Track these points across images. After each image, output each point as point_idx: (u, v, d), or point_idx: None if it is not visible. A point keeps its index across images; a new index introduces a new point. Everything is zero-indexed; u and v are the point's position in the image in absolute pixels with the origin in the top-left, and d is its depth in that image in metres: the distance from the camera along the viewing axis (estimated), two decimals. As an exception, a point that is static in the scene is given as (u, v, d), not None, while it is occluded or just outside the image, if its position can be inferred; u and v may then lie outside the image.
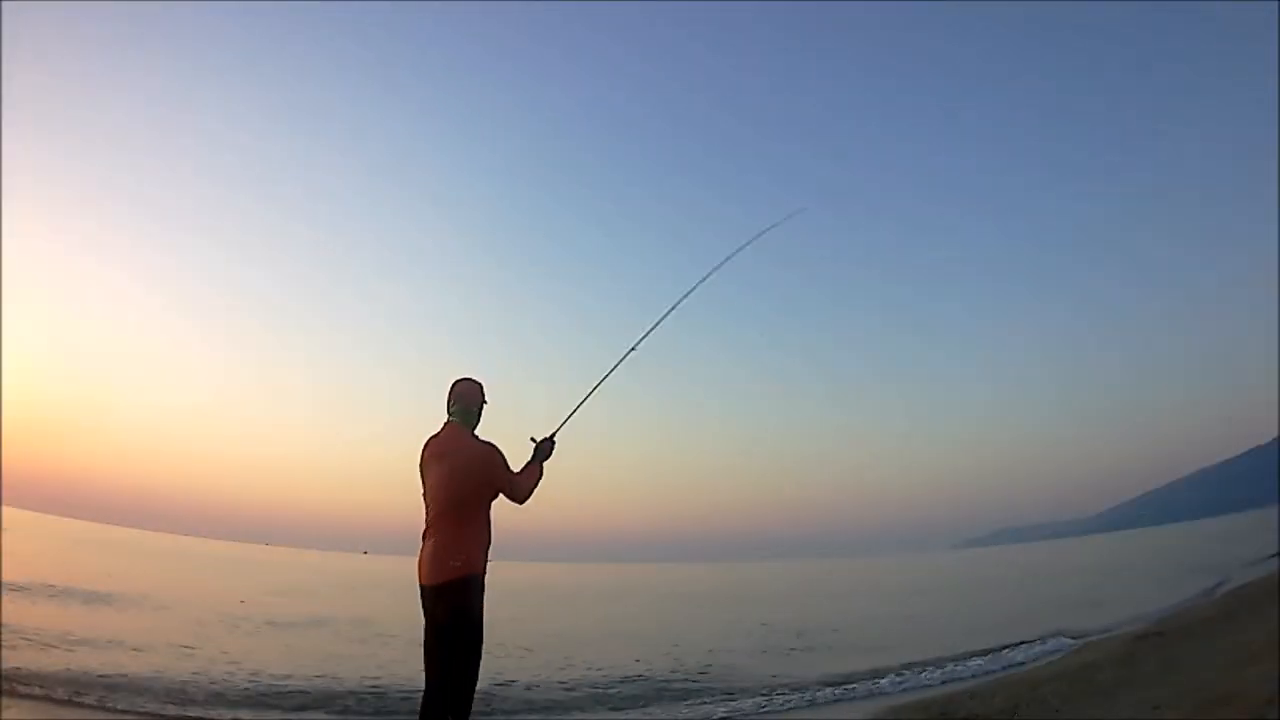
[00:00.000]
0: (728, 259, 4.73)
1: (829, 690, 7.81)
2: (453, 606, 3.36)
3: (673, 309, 4.40)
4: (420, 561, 3.48)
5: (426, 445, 3.66)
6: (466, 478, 3.48)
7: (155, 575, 26.44)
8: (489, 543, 3.55)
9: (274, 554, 72.71)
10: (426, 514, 3.57)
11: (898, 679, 8.13)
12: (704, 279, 4.60)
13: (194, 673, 7.82)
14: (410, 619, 3.74)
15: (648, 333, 4.24)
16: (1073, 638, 10.09)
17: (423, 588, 3.45)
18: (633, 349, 4.19)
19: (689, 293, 4.50)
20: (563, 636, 13.38)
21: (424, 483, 3.62)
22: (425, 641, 3.44)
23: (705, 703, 7.44)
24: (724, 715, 6.94)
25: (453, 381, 3.73)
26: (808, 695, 7.64)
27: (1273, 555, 20.50)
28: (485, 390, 3.74)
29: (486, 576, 3.47)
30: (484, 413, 3.73)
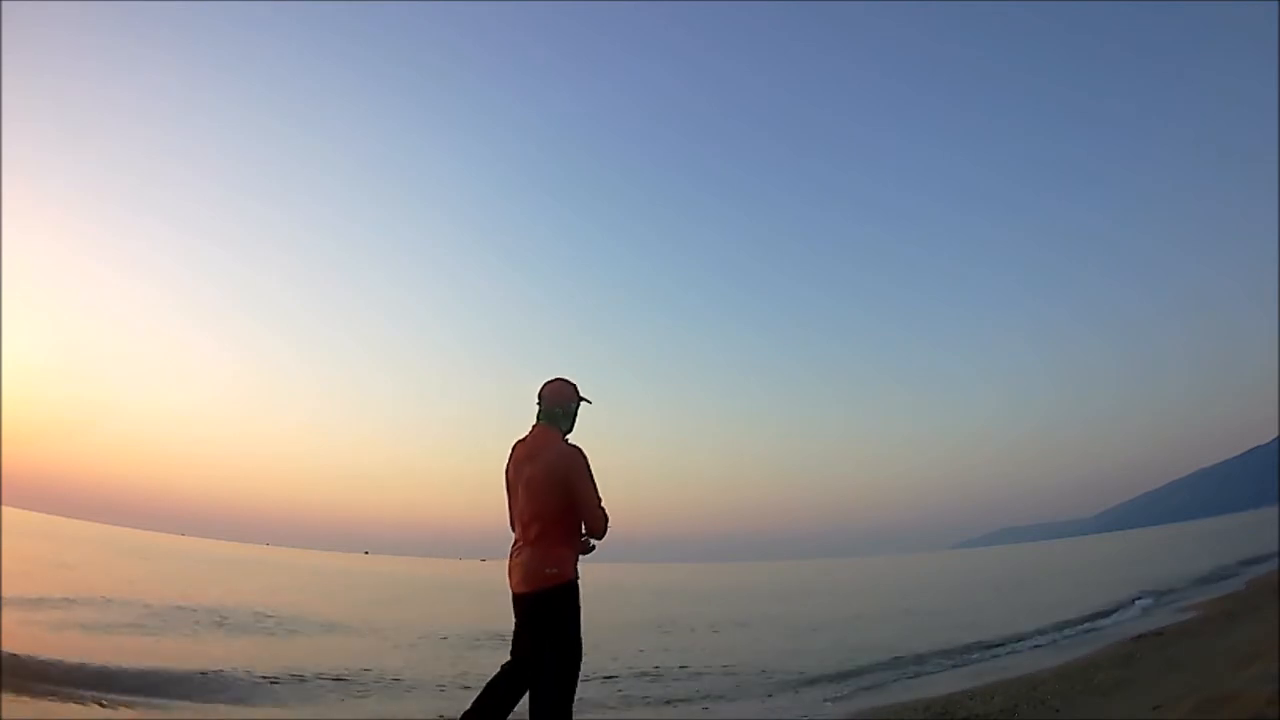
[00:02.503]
0: None
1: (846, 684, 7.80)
2: (548, 615, 3.33)
3: None
4: (510, 570, 3.46)
5: (514, 449, 3.59)
6: (550, 481, 3.37)
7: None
8: (579, 548, 3.48)
9: (289, 557, 71.64)
10: (514, 521, 3.53)
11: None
12: None
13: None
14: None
15: None
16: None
17: (516, 596, 3.43)
18: None
19: None
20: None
21: (510, 488, 3.57)
22: (514, 635, 3.48)
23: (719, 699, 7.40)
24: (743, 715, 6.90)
25: (543, 383, 3.61)
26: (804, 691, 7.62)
27: (1273, 555, 20.52)
28: (579, 390, 3.62)
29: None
30: (578, 414, 3.63)
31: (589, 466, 3.41)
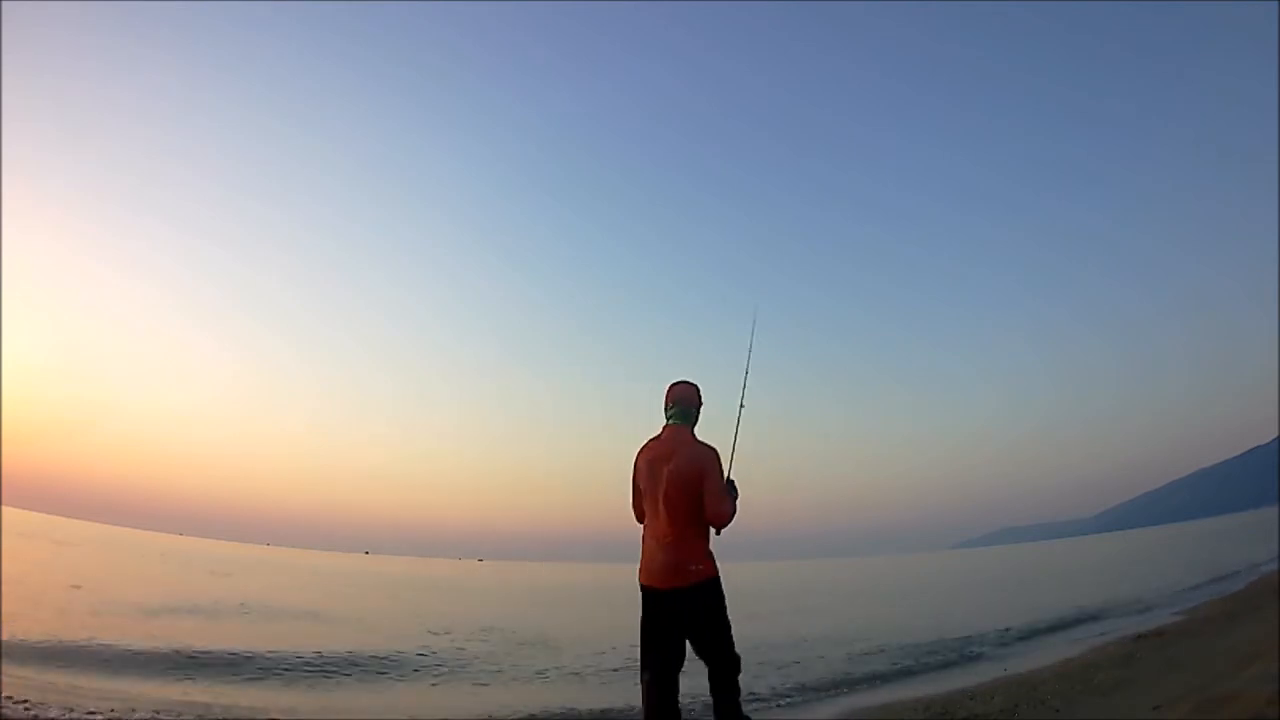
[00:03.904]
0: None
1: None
2: (702, 609, 3.51)
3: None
4: (648, 566, 3.59)
5: (645, 448, 3.75)
6: (688, 478, 3.52)
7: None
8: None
9: (289, 556, 70.82)
10: (646, 516, 3.68)
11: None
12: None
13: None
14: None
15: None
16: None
17: (656, 592, 3.55)
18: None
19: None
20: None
21: (639, 484, 3.72)
22: (645, 637, 3.61)
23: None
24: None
25: (670, 384, 3.81)
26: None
27: (1273, 556, 20.52)
28: (701, 392, 3.85)
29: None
30: (701, 414, 3.82)
31: (720, 463, 3.61)
